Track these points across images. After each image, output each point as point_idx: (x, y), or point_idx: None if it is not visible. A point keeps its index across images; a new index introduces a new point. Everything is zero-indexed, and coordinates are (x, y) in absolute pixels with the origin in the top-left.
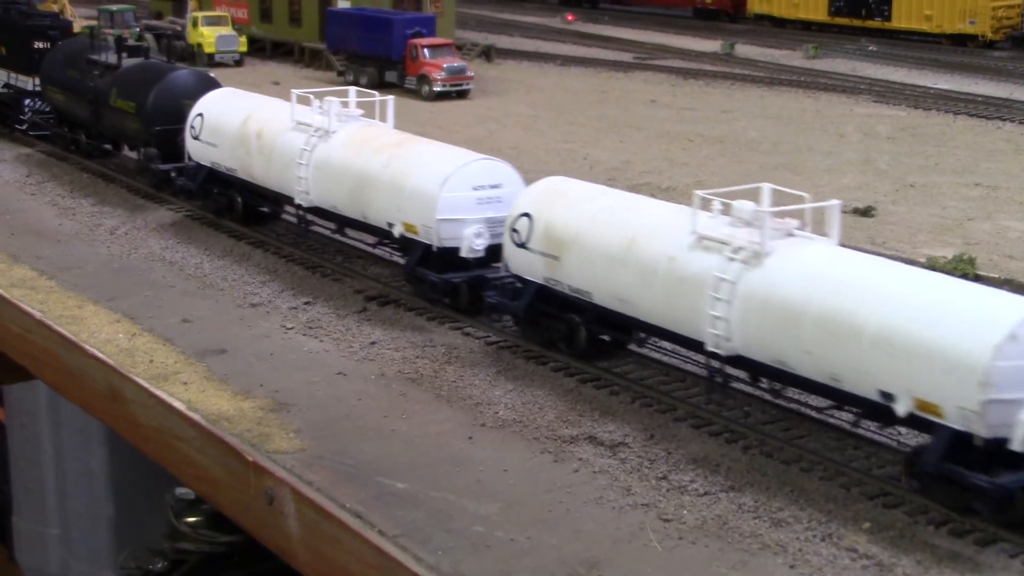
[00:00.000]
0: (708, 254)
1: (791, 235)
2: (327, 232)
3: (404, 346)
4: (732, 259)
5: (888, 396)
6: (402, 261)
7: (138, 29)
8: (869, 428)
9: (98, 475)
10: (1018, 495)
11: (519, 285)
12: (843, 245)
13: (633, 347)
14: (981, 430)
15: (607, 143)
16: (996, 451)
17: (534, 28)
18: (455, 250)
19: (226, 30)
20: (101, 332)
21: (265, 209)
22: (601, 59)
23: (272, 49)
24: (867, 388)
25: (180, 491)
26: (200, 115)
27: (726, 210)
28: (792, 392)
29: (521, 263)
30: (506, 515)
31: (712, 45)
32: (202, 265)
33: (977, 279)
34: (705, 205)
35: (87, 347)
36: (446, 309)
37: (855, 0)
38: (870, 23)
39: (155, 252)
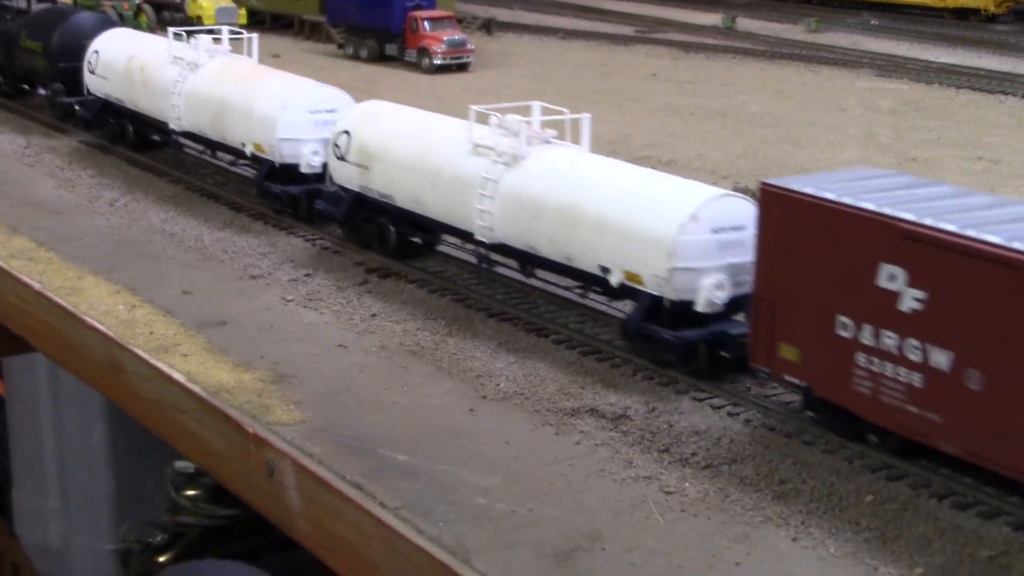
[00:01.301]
0: (479, 159)
1: (548, 143)
2: (197, 154)
3: (405, 318)
4: (496, 162)
5: (605, 270)
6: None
7: (137, 1)
8: (600, 301)
9: (98, 448)
10: (700, 348)
11: (342, 194)
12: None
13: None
14: (671, 294)
15: (607, 116)
16: (684, 312)
17: (535, 1)
18: (295, 166)
19: (225, 2)
20: (101, 304)
21: (156, 138)
22: (602, 32)
23: (272, 22)
24: (591, 264)
25: (180, 464)
26: (96, 52)
27: (500, 123)
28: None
29: (341, 174)
30: (507, 487)
31: (713, 18)
32: (202, 237)
33: None
34: (481, 119)
35: (86, 319)
36: (295, 220)
37: None
38: None
39: (155, 224)
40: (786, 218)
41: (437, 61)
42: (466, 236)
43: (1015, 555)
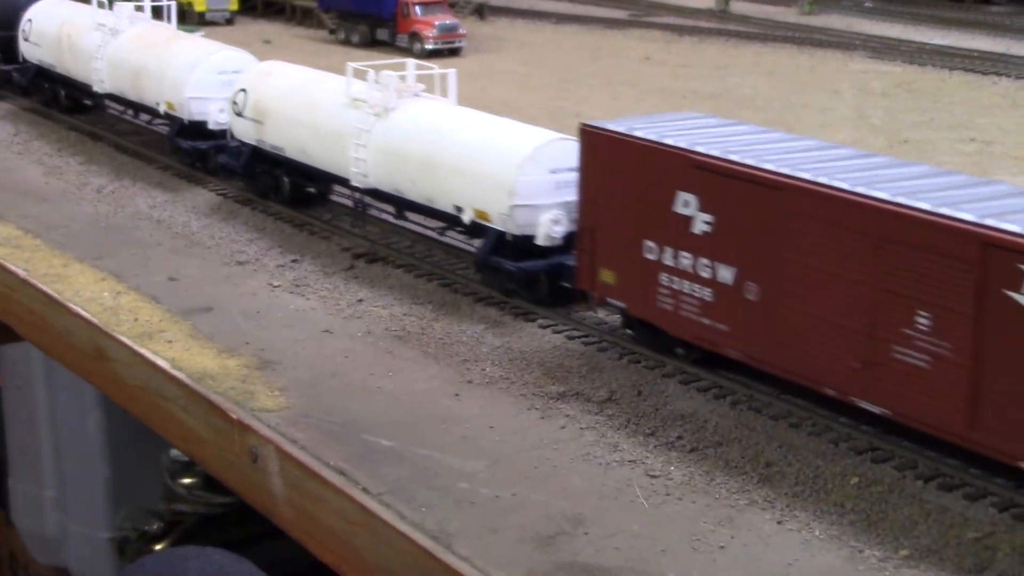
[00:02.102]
0: (355, 112)
1: (417, 96)
2: (118, 113)
3: (391, 303)
4: (369, 114)
5: (459, 209)
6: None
7: None
8: (459, 239)
9: (94, 437)
10: (541, 277)
11: (241, 148)
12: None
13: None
14: (513, 229)
15: (600, 100)
16: (526, 246)
17: None
18: (204, 123)
19: None
20: (86, 291)
21: (87, 102)
22: (595, 16)
23: (264, 7)
24: (448, 204)
25: (175, 453)
26: (30, 20)
27: (375, 79)
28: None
29: (240, 129)
30: (492, 472)
31: (707, 2)
32: (189, 223)
33: None
34: (359, 75)
35: (71, 306)
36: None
37: None
38: None
39: (142, 211)
40: (601, 155)
41: (429, 46)
42: (345, 183)
43: (1000, 536)
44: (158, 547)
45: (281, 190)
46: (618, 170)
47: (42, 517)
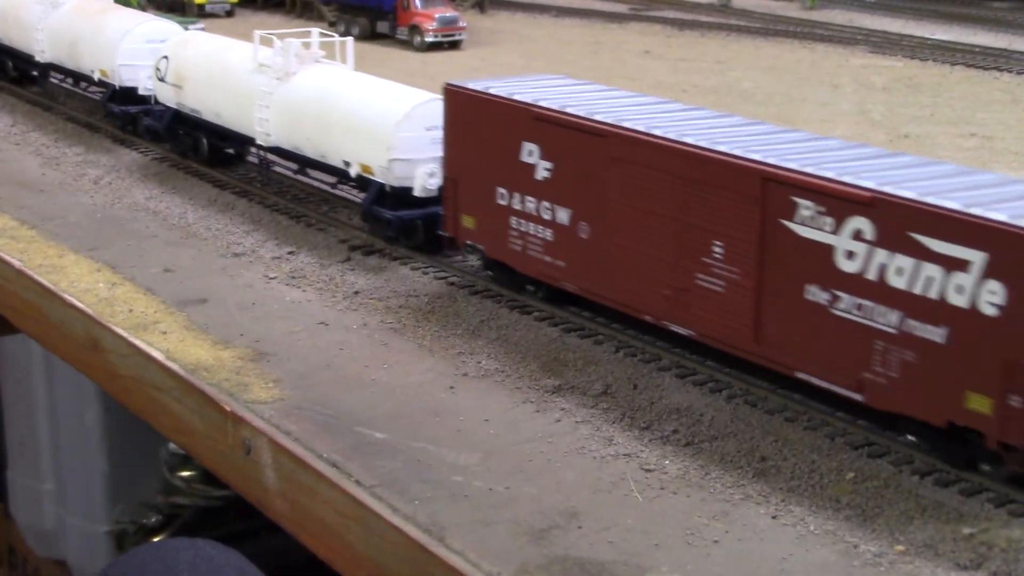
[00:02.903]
0: (261, 75)
1: (317, 61)
2: (59, 82)
3: (388, 296)
4: (273, 78)
5: (347, 164)
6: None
7: None
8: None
9: (92, 430)
10: (417, 225)
11: (164, 111)
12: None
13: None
14: (392, 181)
15: None
16: (404, 197)
17: None
18: (134, 88)
19: None
20: (81, 281)
21: (35, 73)
22: (596, 10)
23: (264, 0)
24: (338, 160)
25: (174, 446)
26: None
27: (279, 45)
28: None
29: (162, 93)
30: (485, 465)
31: None
32: (186, 215)
33: None
34: (265, 42)
35: (66, 296)
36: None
37: None
38: None
39: (139, 202)
40: (461, 112)
41: (429, 39)
42: (252, 142)
43: (996, 532)
44: (156, 540)
45: (200, 150)
46: (475, 125)
47: (40, 510)
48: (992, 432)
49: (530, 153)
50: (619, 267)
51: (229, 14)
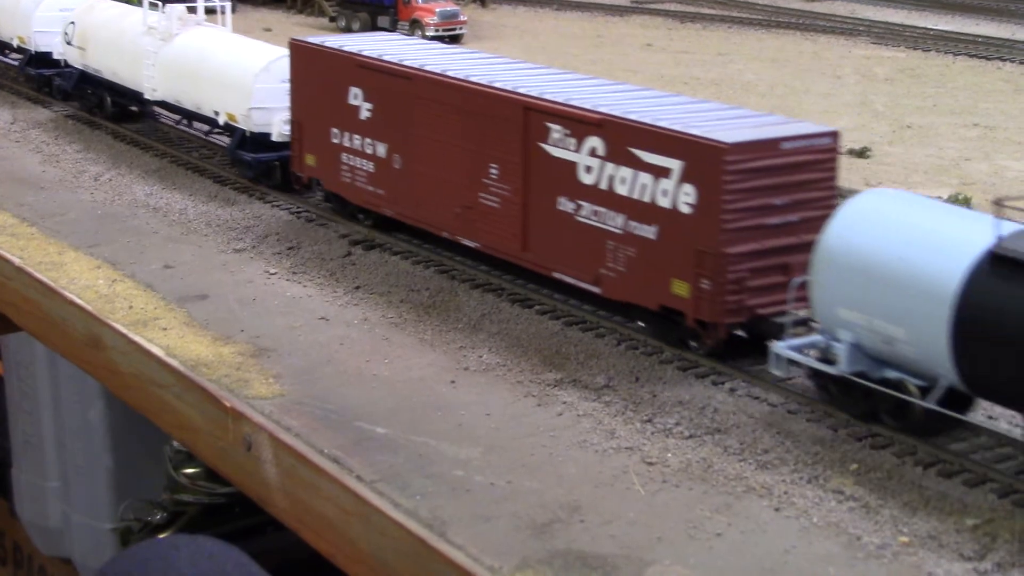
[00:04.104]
0: (149, 37)
1: (198, 24)
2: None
3: (388, 290)
4: (158, 39)
5: (216, 113)
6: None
7: None
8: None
9: (96, 427)
10: (275, 167)
11: (72, 72)
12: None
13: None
14: (252, 128)
15: None
16: (264, 141)
17: None
18: (49, 53)
19: None
20: (81, 278)
21: None
22: (597, 3)
23: None
24: (209, 110)
25: (177, 442)
26: None
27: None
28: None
29: (70, 56)
30: (487, 459)
31: None
32: (186, 211)
33: None
34: (155, 7)
35: (66, 293)
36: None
37: None
38: None
39: (139, 198)
40: (303, 63)
41: (430, 33)
42: (139, 96)
43: (1000, 523)
44: (161, 537)
45: (104, 107)
46: (314, 74)
47: (45, 508)
48: (690, 312)
49: (355, 96)
50: (423, 192)
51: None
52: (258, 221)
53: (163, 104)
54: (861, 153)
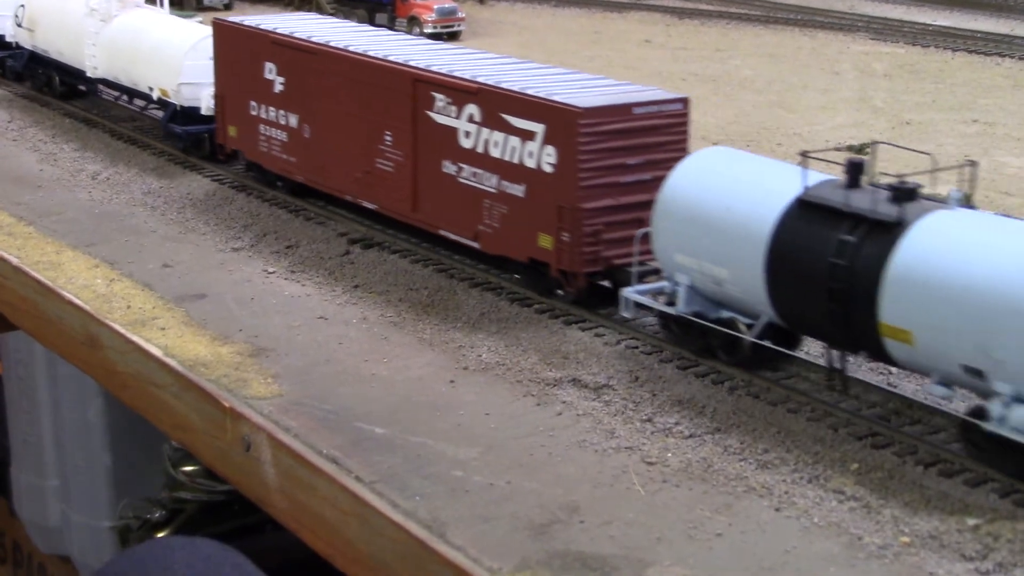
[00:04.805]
0: (91, 19)
1: (137, 6)
2: None
3: (387, 289)
4: (99, 20)
5: (151, 89)
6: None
7: None
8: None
9: (95, 426)
10: (204, 138)
11: (22, 53)
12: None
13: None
14: (182, 101)
15: None
16: (194, 115)
17: None
18: (2, 36)
19: None
20: (79, 278)
21: None
22: None
23: None
24: (145, 86)
25: (176, 443)
26: None
27: None
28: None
29: (20, 37)
30: (486, 459)
31: None
32: (184, 210)
33: None
34: None
35: (63, 293)
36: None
37: None
38: None
39: (137, 197)
40: (225, 40)
41: (428, 30)
42: (82, 73)
43: (1002, 523)
44: (160, 535)
45: (52, 86)
46: (234, 51)
47: (44, 506)
48: (553, 263)
49: (270, 71)
50: (328, 159)
51: (227, 7)
52: (256, 220)
53: (104, 81)
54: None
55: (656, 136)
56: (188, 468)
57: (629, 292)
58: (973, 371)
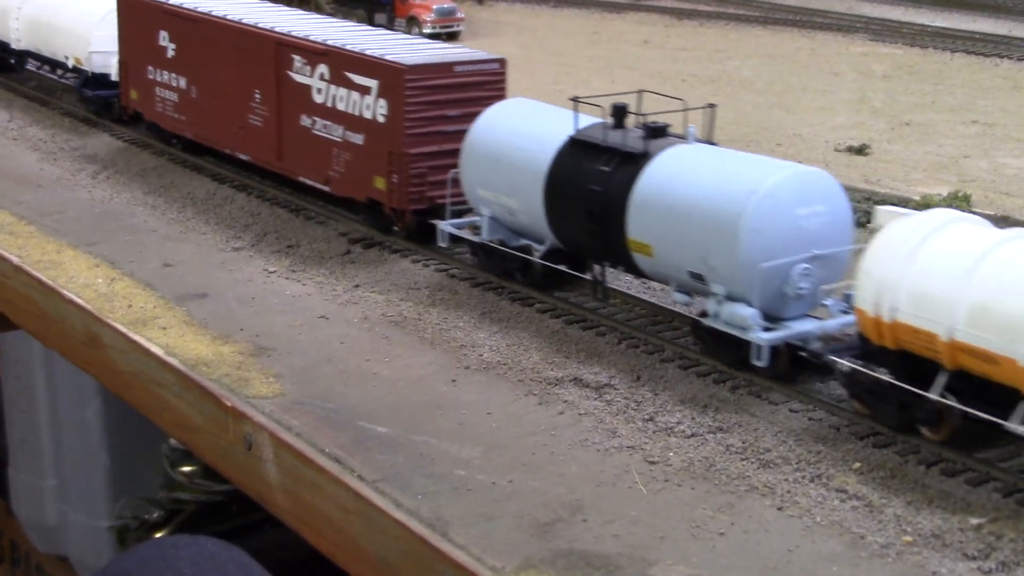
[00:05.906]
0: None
1: None
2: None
3: (388, 288)
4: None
5: (67, 58)
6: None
7: None
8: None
9: (93, 425)
10: (113, 102)
11: None
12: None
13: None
14: (93, 69)
15: (599, 84)
16: (105, 81)
17: None
18: None
19: None
20: (80, 277)
21: None
22: (594, 0)
23: None
24: (62, 56)
25: (175, 441)
26: None
27: None
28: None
29: None
30: (488, 458)
31: None
32: (185, 209)
33: None
34: None
35: (65, 292)
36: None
37: None
38: None
39: (138, 196)
40: (126, 9)
41: (427, 30)
42: (9, 47)
43: (1004, 522)
44: (158, 535)
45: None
46: (134, 20)
47: (42, 506)
48: (386, 201)
49: (164, 38)
50: (211, 116)
51: None
52: (256, 219)
53: (28, 53)
54: (860, 150)
55: (475, 91)
56: (186, 468)
57: (444, 225)
58: (697, 276)
